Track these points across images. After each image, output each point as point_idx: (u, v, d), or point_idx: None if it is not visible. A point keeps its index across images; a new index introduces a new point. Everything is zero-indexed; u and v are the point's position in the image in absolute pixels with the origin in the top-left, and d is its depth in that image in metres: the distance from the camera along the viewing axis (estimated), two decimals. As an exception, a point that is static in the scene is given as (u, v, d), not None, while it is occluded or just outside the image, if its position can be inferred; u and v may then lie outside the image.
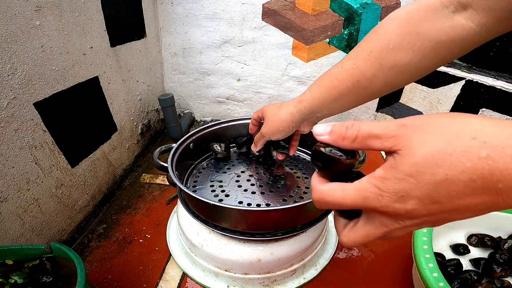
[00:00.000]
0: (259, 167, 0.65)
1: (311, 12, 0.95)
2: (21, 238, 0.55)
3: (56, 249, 0.46)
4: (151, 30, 0.99)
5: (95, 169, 0.76)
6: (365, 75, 0.39)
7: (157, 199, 0.82)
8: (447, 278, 0.53)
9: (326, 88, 0.42)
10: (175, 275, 0.61)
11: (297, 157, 0.70)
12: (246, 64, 1.08)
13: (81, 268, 0.42)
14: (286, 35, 1.00)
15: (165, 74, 1.15)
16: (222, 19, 1.00)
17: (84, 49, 0.68)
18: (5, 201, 0.52)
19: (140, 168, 0.96)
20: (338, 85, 0.41)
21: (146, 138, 1.04)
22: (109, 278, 0.60)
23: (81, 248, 0.67)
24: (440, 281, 0.42)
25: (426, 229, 0.50)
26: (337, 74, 0.41)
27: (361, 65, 0.39)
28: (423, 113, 0.96)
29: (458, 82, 0.84)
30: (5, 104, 0.50)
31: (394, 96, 1.05)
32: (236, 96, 1.16)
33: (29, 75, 0.54)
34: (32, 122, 0.56)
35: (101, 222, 0.74)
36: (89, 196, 0.74)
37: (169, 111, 1.01)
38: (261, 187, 0.58)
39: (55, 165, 0.62)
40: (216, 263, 0.55)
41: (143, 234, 0.70)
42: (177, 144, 0.59)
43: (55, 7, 0.58)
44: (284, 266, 0.55)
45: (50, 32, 0.58)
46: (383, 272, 0.62)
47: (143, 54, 0.96)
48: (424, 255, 0.46)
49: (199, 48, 1.07)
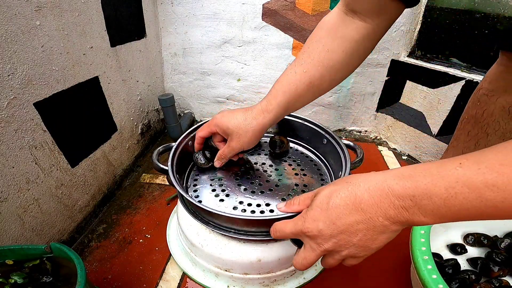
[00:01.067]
0: (258, 163, 0.65)
1: (311, 12, 0.95)
2: (21, 238, 0.55)
3: (56, 249, 0.47)
4: (151, 30, 0.99)
5: (95, 169, 0.76)
6: (314, 76, 0.47)
7: (157, 199, 0.82)
8: (445, 278, 0.53)
9: (289, 93, 0.48)
10: (175, 275, 0.61)
11: (295, 151, 0.70)
12: (246, 64, 1.08)
13: (81, 268, 0.42)
14: (286, 35, 1.00)
15: (165, 74, 1.15)
16: (222, 19, 1.00)
17: (84, 49, 0.68)
18: (5, 201, 0.52)
19: (140, 168, 0.96)
20: (297, 89, 0.48)
21: (146, 138, 1.04)
22: (109, 278, 0.60)
23: (81, 248, 0.67)
24: (439, 283, 0.42)
25: (424, 230, 0.50)
26: (294, 80, 0.48)
27: (310, 68, 0.47)
28: (423, 113, 0.97)
29: (458, 82, 0.84)
30: (5, 104, 0.50)
31: (394, 96, 1.05)
32: (236, 96, 1.16)
33: (29, 75, 0.54)
34: (32, 122, 0.56)
35: (101, 222, 0.75)
36: (89, 196, 0.74)
37: (169, 111, 1.01)
38: (261, 185, 0.58)
39: (55, 165, 0.62)
40: (216, 263, 0.55)
41: (143, 234, 0.70)
42: (175, 145, 0.59)
43: (55, 7, 0.58)
44: (284, 266, 0.55)
45: (50, 32, 0.58)
46: (383, 272, 0.62)
47: (143, 54, 0.96)
48: (422, 257, 0.46)
49: (199, 48, 1.07)
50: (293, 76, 0.48)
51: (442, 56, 0.93)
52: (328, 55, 0.46)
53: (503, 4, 0.76)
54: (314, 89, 0.48)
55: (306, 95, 0.49)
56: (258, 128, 0.49)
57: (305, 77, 0.47)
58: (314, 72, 0.47)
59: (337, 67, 0.47)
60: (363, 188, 0.32)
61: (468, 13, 0.82)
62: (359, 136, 1.19)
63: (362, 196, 0.31)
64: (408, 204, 0.28)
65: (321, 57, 0.46)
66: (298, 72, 0.48)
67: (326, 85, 0.49)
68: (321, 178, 0.62)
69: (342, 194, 0.33)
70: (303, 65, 0.47)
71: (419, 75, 0.94)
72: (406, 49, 0.99)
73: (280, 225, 0.39)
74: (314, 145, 0.70)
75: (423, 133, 0.98)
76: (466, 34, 0.85)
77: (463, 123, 0.66)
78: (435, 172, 0.27)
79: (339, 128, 1.20)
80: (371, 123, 1.17)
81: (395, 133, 1.09)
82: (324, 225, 0.33)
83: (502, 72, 0.56)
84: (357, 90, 1.09)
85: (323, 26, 0.48)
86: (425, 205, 0.27)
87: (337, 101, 1.12)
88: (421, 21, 0.94)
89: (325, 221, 0.33)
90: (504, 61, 0.56)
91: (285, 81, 0.49)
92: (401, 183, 0.28)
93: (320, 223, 0.33)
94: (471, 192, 0.25)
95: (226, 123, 0.50)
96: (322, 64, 0.46)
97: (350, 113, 1.15)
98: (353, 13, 0.44)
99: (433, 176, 0.27)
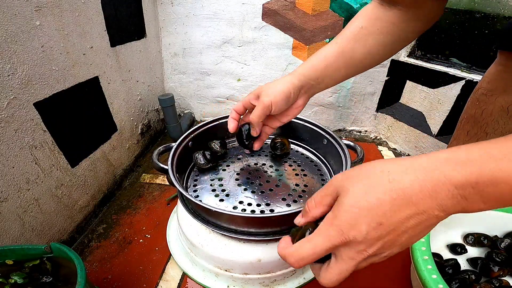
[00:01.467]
0: (258, 164, 0.65)
1: (311, 12, 0.95)
2: (21, 238, 0.55)
3: (56, 249, 0.47)
4: (151, 30, 0.99)
5: (95, 169, 0.76)
6: (346, 47, 0.48)
7: (157, 199, 0.82)
8: (445, 278, 0.53)
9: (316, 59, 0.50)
10: (175, 275, 0.61)
11: (295, 152, 0.70)
12: (246, 64, 1.08)
13: (81, 268, 0.42)
14: (286, 35, 1.00)
15: (165, 74, 1.15)
16: (222, 19, 1.00)
17: (84, 49, 0.68)
18: (5, 201, 0.52)
19: (140, 168, 0.96)
20: (326, 56, 0.49)
21: (146, 138, 1.04)
22: (109, 278, 0.60)
23: (81, 248, 0.67)
24: (439, 283, 0.42)
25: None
26: (323, 50, 0.50)
27: (343, 41, 0.49)
28: (423, 113, 0.97)
29: (458, 82, 0.84)
30: (5, 104, 0.50)
31: (394, 96, 1.05)
32: (236, 96, 1.16)
33: (29, 75, 0.54)
34: (32, 122, 0.56)
35: (101, 222, 0.75)
36: (89, 196, 0.74)
37: (169, 111, 1.01)
38: (261, 185, 0.58)
39: (55, 165, 0.63)
40: (216, 263, 0.55)
41: (143, 234, 0.70)
42: (175, 145, 0.59)
43: (55, 7, 0.58)
44: (284, 266, 0.55)
45: (50, 32, 0.58)
46: (382, 272, 0.62)
47: (143, 54, 0.96)
48: (422, 257, 0.46)
49: (199, 48, 1.07)
50: (323, 48, 0.50)
51: (442, 56, 0.93)
52: (362, 31, 0.47)
53: (503, 4, 0.76)
54: (345, 59, 0.49)
55: (336, 62, 0.49)
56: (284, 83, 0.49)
57: (336, 47, 0.49)
58: (345, 44, 0.48)
59: (371, 43, 0.47)
60: (409, 178, 0.26)
61: (468, 13, 0.82)
62: (359, 136, 1.19)
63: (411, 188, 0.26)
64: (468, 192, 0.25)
65: (354, 32, 0.48)
66: (330, 44, 0.49)
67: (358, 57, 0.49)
68: (321, 178, 0.62)
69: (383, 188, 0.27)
70: (335, 40, 0.49)
71: (419, 75, 0.94)
72: (406, 49, 0.99)
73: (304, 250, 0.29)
74: (314, 146, 0.70)
75: (423, 133, 0.98)
76: (466, 34, 0.85)
77: (462, 123, 0.66)
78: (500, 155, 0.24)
79: (339, 128, 1.20)
80: (371, 123, 1.17)
81: (395, 133, 1.09)
82: (368, 227, 0.27)
83: (501, 71, 0.56)
84: (357, 90, 1.09)
85: (358, 15, 0.49)
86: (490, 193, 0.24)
87: (337, 101, 1.12)
88: (421, 21, 0.94)
89: (370, 223, 0.27)
90: (503, 61, 0.56)
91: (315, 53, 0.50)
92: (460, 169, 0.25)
93: (364, 226, 0.27)
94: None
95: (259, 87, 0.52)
96: (354, 38, 0.48)
97: (350, 113, 1.15)
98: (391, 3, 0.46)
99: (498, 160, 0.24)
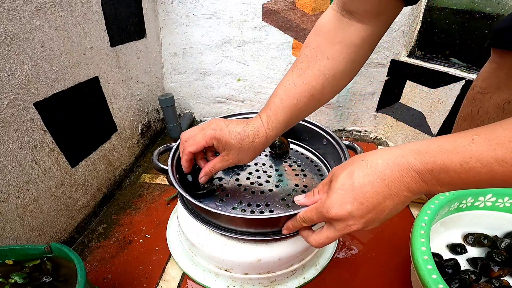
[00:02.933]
0: (258, 165, 0.65)
1: (311, 12, 0.95)
2: (21, 238, 0.55)
3: (56, 249, 0.47)
4: (151, 30, 0.99)
5: (95, 169, 0.76)
6: (316, 88, 0.44)
7: (157, 199, 0.82)
8: (445, 278, 0.53)
9: (289, 109, 0.45)
10: (175, 275, 0.61)
11: (295, 152, 0.70)
12: (246, 64, 1.08)
13: (81, 268, 0.42)
14: (286, 35, 1.00)
15: (165, 74, 1.15)
16: (222, 19, 1.00)
17: (84, 49, 0.68)
18: (5, 201, 0.52)
19: (140, 168, 0.96)
20: (297, 104, 0.45)
21: (146, 138, 1.04)
22: (109, 278, 0.60)
23: (81, 248, 0.67)
24: (439, 283, 0.42)
25: (424, 230, 0.50)
26: (294, 94, 0.45)
27: (310, 80, 0.44)
28: (423, 113, 0.97)
29: (458, 82, 0.84)
30: (5, 104, 0.50)
31: (394, 96, 1.05)
32: (236, 96, 1.16)
33: (29, 75, 0.54)
34: (32, 122, 0.56)
35: (101, 222, 0.75)
36: (89, 196, 0.74)
37: (169, 111, 1.01)
38: (261, 185, 0.58)
39: (55, 165, 0.62)
40: (216, 263, 0.55)
41: (143, 234, 0.70)
42: (175, 145, 0.59)
43: (55, 7, 0.58)
44: (284, 266, 0.55)
45: (50, 32, 0.58)
46: (382, 272, 0.62)
47: (143, 54, 0.96)
48: (422, 257, 0.46)
49: (199, 48, 1.07)
50: (293, 89, 0.45)
51: (442, 56, 0.93)
52: (329, 64, 0.43)
53: (503, 4, 0.76)
54: (315, 102, 0.46)
55: (307, 109, 0.47)
56: (259, 148, 0.46)
57: (306, 90, 0.44)
58: (315, 83, 0.44)
59: (339, 76, 0.44)
60: (382, 164, 0.33)
61: (468, 13, 0.82)
62: (359, 136, 1.19)
63: (384, 172, 0.32)
64: (427, 177, 0.31)
65: (321, 67, 0.43)
66: (298, 84, 0.44)
67: (327, 96, 0.47)
68: (321, 178, 0.62)
69: (362, 172, 0.33)
70: (302, 76, 0.44)
71: (419, 75, 0.94)
72: (406, 49, 0.99)
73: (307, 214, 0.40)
74: (314, 146, 0.70)
75: (423, 133, 0.98)
76: (466, 34, 0.85)
77: (459, 121, 0.67)
78: (451, 148, 0.29)
79: (339, 128, 1.20)
80: (371, 123, 1.17)
81: (395, 133, 1.09)
82: (352, 207, 0.34)
83: (495, 69, 0.56)
84: (357, 90, 1.09)
85: (319, 31, 0.45)
86: (442, 178, 0.30)
87: (337, 101, 1.12)
88: (421, 21, 0.94)
89: (353, 202, 0.33)
90: (496, 59, 0.56)
91: (285, 96, 0.45)
92: (420, 158, 0.31)
93: (348, 205, 0.34)
94: (483, 166, 0.28)
95: (228, 137, 0.44)
96: (323, 74, 0.44)
97: (350, 113, 1.15)
98: (350, 14, 0.42)
99: (448, 152, 0.29)
